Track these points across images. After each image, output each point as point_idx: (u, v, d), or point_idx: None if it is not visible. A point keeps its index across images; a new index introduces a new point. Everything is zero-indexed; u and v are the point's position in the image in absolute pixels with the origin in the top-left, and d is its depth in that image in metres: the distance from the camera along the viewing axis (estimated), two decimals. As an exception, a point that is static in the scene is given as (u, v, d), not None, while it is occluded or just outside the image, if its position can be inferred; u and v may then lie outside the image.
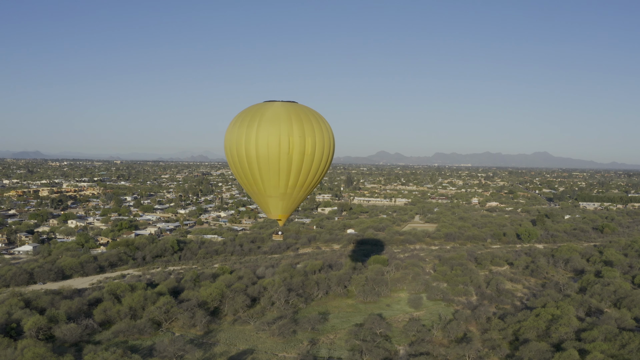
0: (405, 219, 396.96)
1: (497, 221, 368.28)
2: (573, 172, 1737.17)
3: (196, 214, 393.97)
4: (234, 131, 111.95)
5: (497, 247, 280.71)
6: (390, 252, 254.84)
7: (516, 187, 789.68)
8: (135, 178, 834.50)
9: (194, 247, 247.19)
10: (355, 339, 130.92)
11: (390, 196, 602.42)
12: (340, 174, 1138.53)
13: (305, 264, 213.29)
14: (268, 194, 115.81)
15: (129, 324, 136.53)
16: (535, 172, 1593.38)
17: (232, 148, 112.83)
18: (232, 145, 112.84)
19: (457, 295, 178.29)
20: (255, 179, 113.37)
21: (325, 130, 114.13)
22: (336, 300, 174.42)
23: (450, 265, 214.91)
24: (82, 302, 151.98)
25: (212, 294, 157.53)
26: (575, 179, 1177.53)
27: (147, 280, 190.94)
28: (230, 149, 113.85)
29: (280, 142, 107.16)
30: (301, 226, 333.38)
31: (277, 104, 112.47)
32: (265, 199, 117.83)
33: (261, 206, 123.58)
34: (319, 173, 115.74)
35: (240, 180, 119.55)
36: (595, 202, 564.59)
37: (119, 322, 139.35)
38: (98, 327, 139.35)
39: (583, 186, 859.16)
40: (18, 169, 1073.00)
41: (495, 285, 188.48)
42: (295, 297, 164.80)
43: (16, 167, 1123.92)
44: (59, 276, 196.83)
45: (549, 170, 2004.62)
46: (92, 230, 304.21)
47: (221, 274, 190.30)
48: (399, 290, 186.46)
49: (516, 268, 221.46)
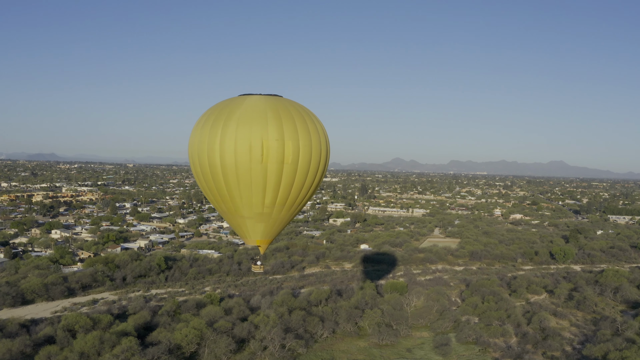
0: (424, 233, 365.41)
1: (526, 237, 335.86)
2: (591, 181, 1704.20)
3: (195, 225, 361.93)
4: (196, 133, 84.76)
5: (530, 269, 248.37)
6: (409, 273, 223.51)
7: (538, 198, 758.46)
8: (141, 183, 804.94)
9: (185, 265, 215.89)
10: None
11: (407, 206, 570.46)
12: (354, 181, 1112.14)
13: (309, 291, 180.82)
14: (241, 214, 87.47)
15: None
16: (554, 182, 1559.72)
17: (194, 155, 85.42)
18: (193, 151, 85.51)
19: (493, 336, 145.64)
20: (222, 195, 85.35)
21: (315, 131, 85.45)
22: (345, 341, 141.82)
23: (481, 294, 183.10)
24: (26, 342, 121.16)
25: (189, 335, 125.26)
26: (595, 189, 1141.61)
27: (121, 308, 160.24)
28: (192, 157, 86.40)
29: (252, 148, 79.64)
30: (309, 240, 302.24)
31: (252, 97, 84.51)
32: (239, 221, 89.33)
33: (236, 229, 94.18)
34: (305, 187, 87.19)
35: (207, 196, 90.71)
36: (626, 215, 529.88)
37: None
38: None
39: (606, 197, 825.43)
40: (24, 171, 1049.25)
41: (538, 322, 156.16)
42: (294, 340, 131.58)
43: (22, 169, 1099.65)
44: (18, 301, 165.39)
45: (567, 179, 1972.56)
46: (75, 243, 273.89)
47: (208, 303, 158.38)
48: (422, 327, 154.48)
49: (557, 298, 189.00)
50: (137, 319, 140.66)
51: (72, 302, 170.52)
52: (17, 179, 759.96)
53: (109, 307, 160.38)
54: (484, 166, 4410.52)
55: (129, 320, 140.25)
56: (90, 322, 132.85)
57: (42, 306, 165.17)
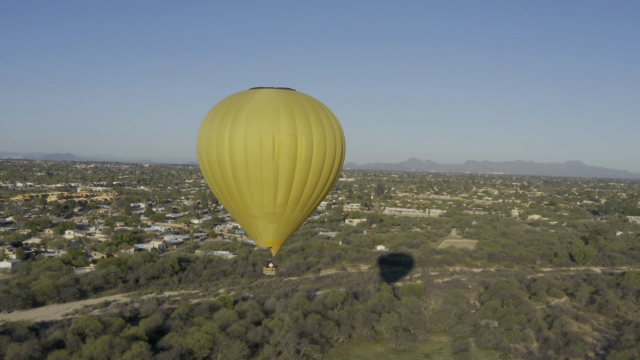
0: (441, 234, 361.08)
1: (544, 238, 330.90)
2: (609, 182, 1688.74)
3: (210, 225, 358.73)
4: (205, 129, 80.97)
5: (549, 271, 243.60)
6: (426, 275, 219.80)
7: (555, 198, 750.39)
8: (157, 183, 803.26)
9: (199, 266, 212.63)
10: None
11: (424, 206, 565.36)
12: (370, 181, 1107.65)
13: (325, 294, 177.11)
14: (252, 214, 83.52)
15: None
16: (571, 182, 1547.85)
17: (202, 152, 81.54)
18: (201, 147, 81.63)
19: (514, 341, 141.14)
20: (232, 194, 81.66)
21: (329, 126, 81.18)
22: (361, 346, 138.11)
23: (501, 297, 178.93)
24: (35, 346, 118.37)
25: (201, 340, 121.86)
26: (613, 189, 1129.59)
27: (133, 310, 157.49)
28: (200, 153, 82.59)
29: (262, 143, 75.50)
30: (325, 241, 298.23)
31: (264, 91, 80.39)
32: (250, 221, 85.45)
33: (246, 230, 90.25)
34: (320, 185, 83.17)
35: (216, 195, 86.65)
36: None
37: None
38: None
39: (624, 197, 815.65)
40: (40, 170, 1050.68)
41: (559, 327, 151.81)
42: (309, 345, 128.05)
43: (38, 169, 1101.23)
44: (29, 303, 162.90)
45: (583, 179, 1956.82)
46: (89, 243, 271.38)
47: (221, 306, 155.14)
48: (440, 332, 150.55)
49: (578, 301, 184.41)
50: (149, 323, 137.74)
51: (83, 304, 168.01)
52: (32, 179, 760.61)
53: (120, 310, 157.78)
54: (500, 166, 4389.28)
55: (140, 323, 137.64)
56: (100, 326, 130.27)
57: (53, 308, 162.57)
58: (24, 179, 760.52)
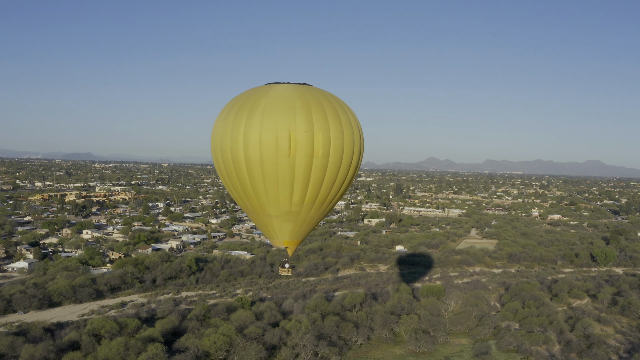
0: (461, 234, 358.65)
1: (565, 238, 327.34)
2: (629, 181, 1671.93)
3: (228, 225, 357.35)
4: (219, 125, 78.61)
5: (570, 272, 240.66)
6: (445, 276, 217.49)
7: (575, 198, 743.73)
8: (175, 182, 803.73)
9: (216, 267, 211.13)
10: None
11: (443, 206, 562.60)
12: (389, 180, 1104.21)
13: (343, 295, 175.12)
14: (267, 213, 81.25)
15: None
16: (591, 181, 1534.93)
17: (216, 149, 79.37)
18: (215, 145, 79.37)
19: (536, 343, 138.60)
20: (247, 192, 79.47)
21: (347, 122, 78.55)
22: (380, 348, 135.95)
23: (521, 298, 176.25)
24: (49, 348, 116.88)
25: (217, 342, 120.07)
26: (634, 189, 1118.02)
27: (150, 311, 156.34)
28: (215, 151, 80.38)
29: (278, 140, 73.00)
30: (343, 241, 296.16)
31: (280, 86, 77.99)
32: (265, 220, 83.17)
33: (262, 229, 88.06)
34: (337, 184, 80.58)
35: (231, 193, 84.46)
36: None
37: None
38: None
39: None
40: (59, 170, 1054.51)
41: (581, 329, 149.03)
42: (327, 347, 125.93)
43: (57, 169, 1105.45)
44: (45, 304, 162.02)
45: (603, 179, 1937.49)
46: (106, 243, 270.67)
47: (239, 307, 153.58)
48: (460, 334, 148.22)
49: (600, 303, 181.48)
50: (165, 324, 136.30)
51: (100, 304, 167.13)
52: (51, 179, 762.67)
53: (137, 311, 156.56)
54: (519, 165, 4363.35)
55: (156, 325, 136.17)
56: (116, 327, 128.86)
57: (69, 309, 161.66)
58: (42, 178, 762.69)
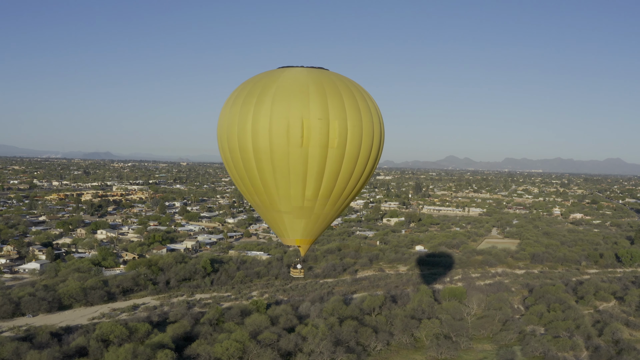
0: (482, 233, 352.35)
1: (588, 238, 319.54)
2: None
3: (245, 224, 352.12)
4: (226, 112, 71.57)
5: (595, 273, 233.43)
6: (467, 277, 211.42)
7: (597, 196, 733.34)
8: (193, 181, 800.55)
9: (232, 268, 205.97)
10: None
11: (463, 205, 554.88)
12: (408, 179, 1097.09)
13: (362, 297, 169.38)
14: (277, 209, 74.09)
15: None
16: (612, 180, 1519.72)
17: (223, 138, 72.44)
18: (222, 134, 72.47)
19: (562, 349, 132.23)
20: (255, 185, 72.26)
21: (366, 110, 70.81)
22: (400, 354, 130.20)
23: (546, 301, 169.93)
24: (55, 354, 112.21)
25: (230, 349, 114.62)
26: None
27: (162, 314, 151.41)
28: (221, 140, 73.40)
29: (290, 128, 66.17)
30: (362, 241, 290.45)
31: (293, 70, 70.57)
32: (275, 216, 76.03)
33: (272, 226, 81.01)
34: (355, 177, 73.04)
35: (239, 187, 77.51)
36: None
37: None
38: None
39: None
40: (78, 169, 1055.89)
41: (610, 334, 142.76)
42: (345, 354, 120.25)
43: (76, 168, 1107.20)
44: (54, 306, 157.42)
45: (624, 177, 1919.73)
46: (120, 243, 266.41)
47: (254, 310, 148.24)
48: (483, 339, 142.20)
49: (628, 305, 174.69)
50: (177, 329, 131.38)
51: (111, 307, 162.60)
52: (68, 178, 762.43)
53: (149, 314, 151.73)
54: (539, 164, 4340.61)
55: (167, 329, 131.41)
56: (126, 332, 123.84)
57: (79, 312, 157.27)
58: (60, 177, 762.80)
